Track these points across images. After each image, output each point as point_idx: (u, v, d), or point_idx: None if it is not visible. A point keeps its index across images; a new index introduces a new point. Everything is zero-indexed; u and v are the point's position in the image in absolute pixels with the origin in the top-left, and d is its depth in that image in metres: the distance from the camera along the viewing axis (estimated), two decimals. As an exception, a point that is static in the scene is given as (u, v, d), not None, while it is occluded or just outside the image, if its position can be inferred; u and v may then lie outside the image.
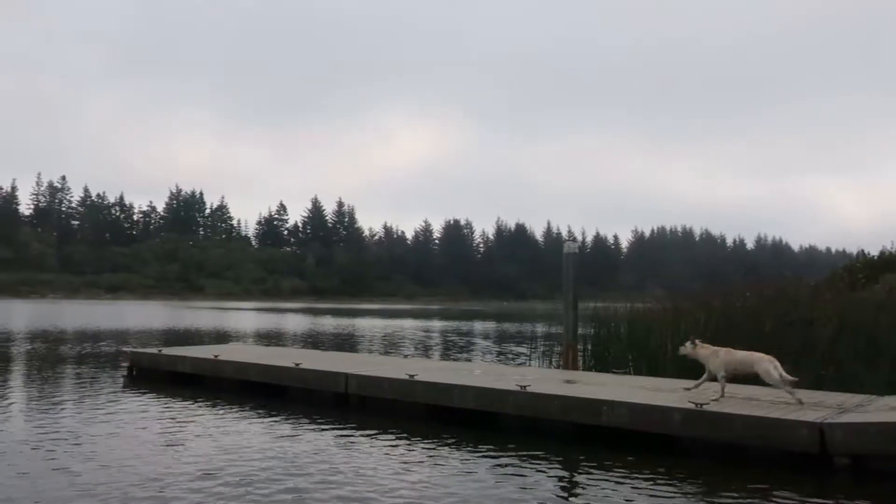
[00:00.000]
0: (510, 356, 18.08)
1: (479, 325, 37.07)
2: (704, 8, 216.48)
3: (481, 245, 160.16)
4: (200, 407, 9.78)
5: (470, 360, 16.72)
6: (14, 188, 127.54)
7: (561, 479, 6.37)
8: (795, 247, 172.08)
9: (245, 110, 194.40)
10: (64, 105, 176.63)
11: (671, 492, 5.85)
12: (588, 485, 6.09)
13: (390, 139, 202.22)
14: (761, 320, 11.38)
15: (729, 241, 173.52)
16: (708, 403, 7.26)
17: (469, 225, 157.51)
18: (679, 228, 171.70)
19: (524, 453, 7.08)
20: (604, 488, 5.93)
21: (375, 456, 7.01)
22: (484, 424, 8.34)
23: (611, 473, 6.35)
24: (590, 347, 13.26)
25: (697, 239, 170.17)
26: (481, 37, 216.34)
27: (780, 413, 6.92)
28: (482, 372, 10.70)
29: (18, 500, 5.37)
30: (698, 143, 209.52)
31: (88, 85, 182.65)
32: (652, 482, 6.09)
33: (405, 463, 6.73)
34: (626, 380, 10.20)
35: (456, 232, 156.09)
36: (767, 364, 7.55)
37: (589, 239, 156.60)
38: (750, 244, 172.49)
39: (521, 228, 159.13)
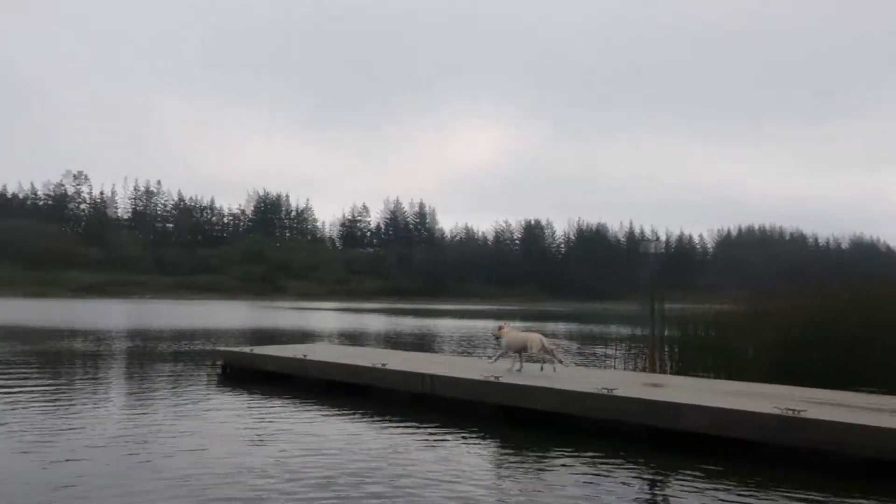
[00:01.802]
0: (591, 358, 17.94)
1: (558, 327, 36.83)
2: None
3: (560, 245, 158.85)
4: (288, 405, 10.15)
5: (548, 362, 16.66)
6: (113, 193, 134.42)
7: (642, 483, 6.34)
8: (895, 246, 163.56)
9: (327, 112, 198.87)
10: (158, 111, 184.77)
11: (757, 500, 5.77)
12: (670, 490, 6.07)
13: (469, 138, 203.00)
14: (849, 321, 11.01)
15: (821, 241, 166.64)
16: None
17: (548, 225, 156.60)
18: (766, 227, 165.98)
19: (605, 457, 7.10)
20: (686, 494, 5.89)
21: (456, 457, 7.13)
22: (565, 427, 8.36)
23: (693, 479, 6.30)
24: (673, 349, 13.07)
25: (787, 238, 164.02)
26: (558, 34, 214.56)
27: (875, 420, 6.71)
28: (562, 374, 10.71)
29: (117, 491, 5.72)
30: (787, 138, 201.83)
31: (179, 92, 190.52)
32: (737, 490, 6.02)
33: (486, 464, 6.84)
34: (709, 383, 10.04)
35: (534, 232, 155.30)
36: (531, 342, 10.33)
37: (671, 239, 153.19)
38: (844, 244, 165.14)
39: (600, 228, 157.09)
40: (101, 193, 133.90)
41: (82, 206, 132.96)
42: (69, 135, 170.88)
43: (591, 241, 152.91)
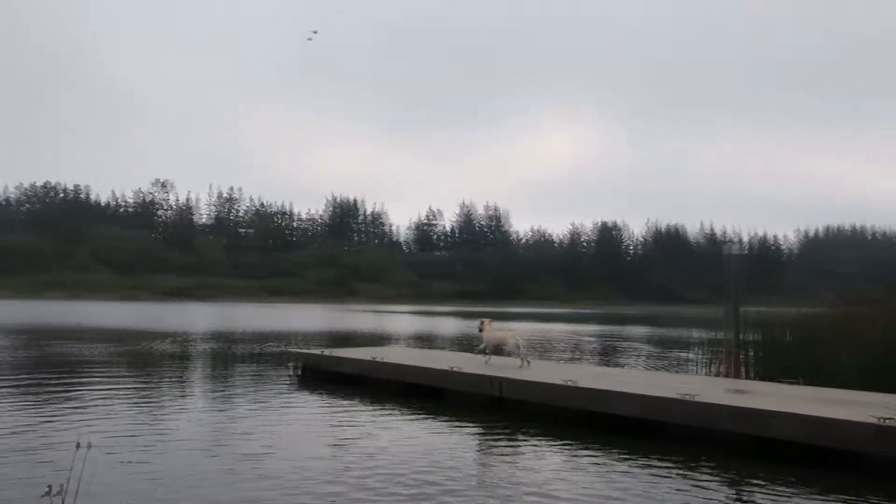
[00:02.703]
0: (669, 362, 17.52)
1: (633, 330, 36.17)
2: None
3: (632, 247, 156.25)
4: (362, 407, 10.21)
5: (625, 367, 16.36)
6: (188, 199, 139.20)
7: (727, 492, 6.07)
8: None
9: (398, 117, 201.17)
10: (235, 119, 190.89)
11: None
12: (760, 499, 5.80)
13: (539, 141, 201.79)
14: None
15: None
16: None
17: (622, 227, 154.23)
18: (854, 227, 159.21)
19: (687, 464, 6.86)
20: (777, 504, 5.63)
21: (529, 461, 7.02)
22: (644, 433, 8.15)
23: (781, 489, 6.01)
24: (755, 354, 12.59)
25: (874, 238, 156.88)
26: (629, 34, 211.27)
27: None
28: (642, 379, 10.46)
29: (195, 490, 5.83)
30: (873, 134, 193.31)
31: (260, 101, 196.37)
32: (827, 500, 5.71)
33: (560, 470, 6.69)
34: (796, 390, 9.62)
35: (609, 234, 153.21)
36: (510, 340, 11.62)
37: (748, 239, 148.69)
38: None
39: (675, 230, 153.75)
40: (178, 200, 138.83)
41: (167, 212, 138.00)
42: (159, 144, 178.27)
43: (668, 242, 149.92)
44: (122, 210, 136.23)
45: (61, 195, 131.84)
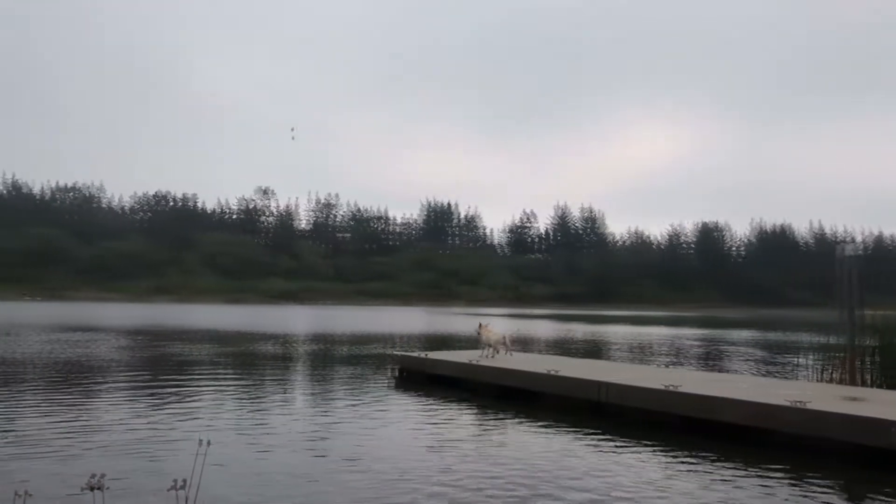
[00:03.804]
0: (778, 368, 16.81)
1: (738, 334, 34.86)
2: None
3: (734, 248, 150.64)
4: (461, 410, 10.28)
5: (730, 372, 15.80)
6: (289, 205, 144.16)
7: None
8: None
9: (489, 120, 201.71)
10: (329, 126, 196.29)
11: None
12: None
13: (634, 141, 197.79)
14: None
15: None
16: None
17: (725, 227, 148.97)
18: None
19: (799, 475, 6.54)
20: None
21: (627, 468, 6.85)
22: (750, 441, 7.85)
23: (907, 504, 5.66)
24: (873, 360, 11.90)
25: None
26: (732, 32, 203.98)
27: None
28: (749, 385, 10.08)
29: (296, 489, 6.00)
30: None
31: (347, 106, 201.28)
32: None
33: (658, 478, 6.48)
34: (920, 399, 9.03)
35: (711, 235, 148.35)
36: (497, 338, 13.88)
37: (861, 239, 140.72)
38: None
39: (783, 230, 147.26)
40: (279, 206, 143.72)
41: (269, 219, 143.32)
42: (257, 153, 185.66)
43: (775, 243, 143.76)
44: (227, 217, 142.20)
45: (171, 203, 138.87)
